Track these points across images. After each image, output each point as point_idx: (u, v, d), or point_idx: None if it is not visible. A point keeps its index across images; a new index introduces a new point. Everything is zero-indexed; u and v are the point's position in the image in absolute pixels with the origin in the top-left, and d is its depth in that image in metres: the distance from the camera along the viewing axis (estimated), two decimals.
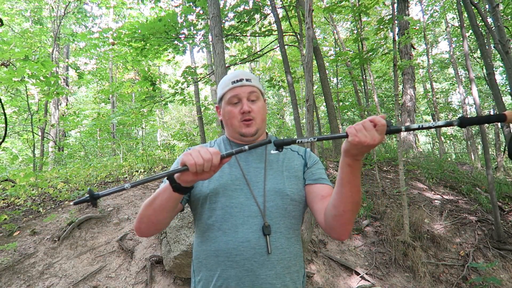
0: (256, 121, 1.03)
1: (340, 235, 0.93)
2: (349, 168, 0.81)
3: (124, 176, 5.75)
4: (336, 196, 0.87)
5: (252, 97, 1.04)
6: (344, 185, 0.84)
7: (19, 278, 2.73)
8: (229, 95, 1.04)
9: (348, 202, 0.85)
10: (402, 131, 0.75)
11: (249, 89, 1.03)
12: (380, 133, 0.74)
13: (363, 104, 8.01)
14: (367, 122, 0.74)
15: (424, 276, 3.21)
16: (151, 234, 0.99)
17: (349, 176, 0.82)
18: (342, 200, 0.85)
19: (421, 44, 14.47)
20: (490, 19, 4.04)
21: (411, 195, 4.77)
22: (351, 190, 0.83)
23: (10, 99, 8.89)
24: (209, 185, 0.99)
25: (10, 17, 10.44)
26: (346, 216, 0.87)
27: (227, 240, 0.93)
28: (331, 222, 0.91)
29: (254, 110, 1.03)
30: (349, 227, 0.91)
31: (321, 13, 9.51)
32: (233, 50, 12.35)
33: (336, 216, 0.88)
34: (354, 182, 0.83)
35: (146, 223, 0.93)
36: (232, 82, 1.04)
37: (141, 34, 5.33)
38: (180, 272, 2.73)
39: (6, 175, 4.88)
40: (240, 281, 0.90)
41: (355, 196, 0.84)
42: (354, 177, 0.82)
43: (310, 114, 2.95)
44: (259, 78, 16.09)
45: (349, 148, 0.77)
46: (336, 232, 0.93)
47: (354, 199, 0.85)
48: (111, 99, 12.24)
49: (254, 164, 1.04)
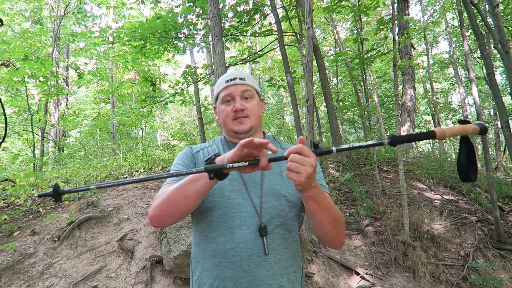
0: (250, 119, 1.03)
1: (334, 247, 0.97)
2: (311, 199, 0.83)
3: (124, 176, 5.75)
4: (314, 224, 0.90)
5: (246, 95, 1.04)
6: (315, 213, 0.86)
7: (19, 278, 2.73)
8: (223, 94, 1.05)
9: (326, 224, 0.88)
10: (334, 152, 0.74)
11: (243, 87, 1.03)
12: (308, 160, 0.73)
13: (363, 104, 8.01)
14: (293, 161, 0.74)
15: (424, 276, 3.21)
16: (171, 223, 0.94)
17: (316, 204, 0.84)
18: (321, 225, 0.89)
19: (421, 44, 14.46)
20: (490, 19, 4.04)
21: (411, 195, 4.77)
22: (324, 214, 0.86)
23: (10, 99, 8.88)
24: None
25: (10, 17, 10.44)
26: (331, 234, 0.91)
27: (224, 241, 0.93)
28: (321, 240, 0.96)
29: (248, 108, 1.02)
30: (340, 239, 0.95)
31: (321, 13, 9.51)
32: (233, 50, 12.35)
33: (322, 237, 0.93)
34: (322, 205, 0.85)
35: (171, 210, 0.87)
36: (226, 81, 1.04)
37: (140, 33, 5.33)
38: (180, 272, 2.73)
39: (6, 175, 4.88)
40: (237, 282, 0.90)
41: (331, 215, 0.87)
42: (320, 201, 0.84)
43: (310, 114, 2.95)
44: (259, 78, 16.09)
45: (300, 189, 0.79)
46: (329, 245, 0.98)
47: (331, 218, 0.87)
48: (111, 99, 12.23)
49: None
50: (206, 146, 1.13)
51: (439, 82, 17.02)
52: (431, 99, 12.61)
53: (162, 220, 0.89)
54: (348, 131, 16.04)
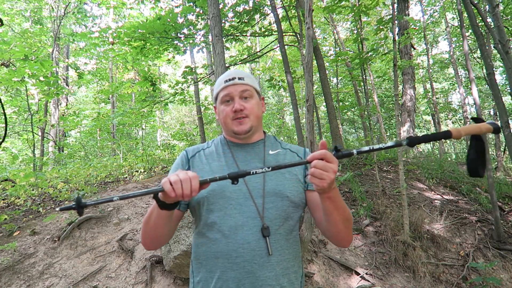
0: (250, 119, 1.03)
1: (343, 245, 0.99)
2: (329, 200, 0.84)
3: (124, 176, 5.75)
4: (327, 223, 0.91)
5: (245, 95, 1.03)
6: (331, 212, 0.87)
7: (19, 278, 2.73)
8: (222, 94, 1.04)
9: (340, 223, 0.89)
10: (354, 155, 0.76)
11: (242, 87, 1.03)
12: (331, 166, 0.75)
13: (363, 104, 8.01)
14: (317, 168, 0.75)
15: (424, 276, 3.21)
16: (159, 247, 1.01)
17: (333, 204, 0.85)
18: (334, 225, 0.90)
19: (421, 44, 14.47)
20: (490, 19, 4.04)
21: (411, 195, 4.77)
22: (338, 214, 0.87)
23: (10, 99, 8.89)
24: (208, 186, 1.00)
25: (10, 17, 10.44)
26: (342, 233, 0.92)
27: (227, 242, 0.93)
28: (331, 239, 0.97)
29: (247, 108, 1.02)
30: (349, 238, 0.96)
31: (321, 13, 9.51)
32: (233, 50, 12.35)
33: (333, 236, 0.95)
34: (338, 205, 0.86)
35: (150, 238, 0.96)
36: (225, 81, 1.04)
37: (140, 33, 5.33)
38: (180, 272, 2.73)
39: (6, 175, 4.88)
40: (240, 283, 0.90)
41: (343, 214, 0.88)
42: (337, 202, 0.85)
43: (310, 114, 2.95)
44: (259, 78, 16.08)
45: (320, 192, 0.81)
46: (339, 244, 0.99)
47: (344, 217, 0.89)
48: (111, 99, 12.23)
49: (253, 164, 1.04)
50: (204, 148, 1.12)
51: (439, 82, 17.03)
52: (431, 99, 12.62)
53: (150, 246, 0.99)
54: (348, 131, 16.05)
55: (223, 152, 1.07)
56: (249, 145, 1.08)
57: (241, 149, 1.07)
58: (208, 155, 1.08)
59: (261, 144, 1.09)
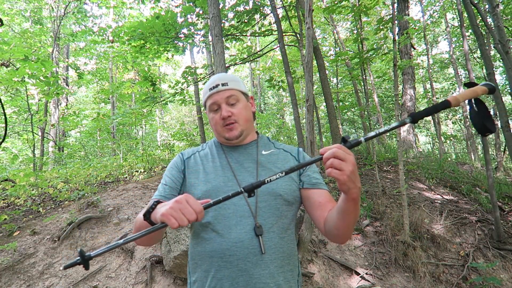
0: (239, 123, 1.05)
1: (342, 242, 0.98)
2: (353, 201, 0.81)
3: (124, 176, 5.75)
4: (340, 222, 0.89)
5: (231, 100, 1.04)
6: (349, 214, 0.85)
7: (19, 278, 2.73)
8: (209, 102, 1.07)
9: (351, 223, 0.89)
10: (362, 142, 0.75)
11: (226, 93, 1.04)
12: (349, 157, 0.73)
13: (363, 104, 8.01)
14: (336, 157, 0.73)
15: (424, 276, 3.21)
16: (152, 245, 1.06)
17: (355, 206, 0.83)
18: (346, 225, 0.89)
19: (421, 44, 14.46)
20: (490, 19, 4.04)
21: (411, 195, 4.77)
22: (355, 214, 0.86)
23: (10, 99, 8.89)
24: (202, 187, 1.01)
25: (10, 17, 10.44)
26: (348, 232, 0.93)
27: (221, 241, 0.94)
28: (334, 237, 0.96)
29: (235, 113, 1.04)
30: (350, 235, 0.98)
31: (321, 13, 9.51)
32: (233, 50, 12.34)
33: (339, 235, 0.94)
34: (358, 207, 0.85)
35: (141, 241, 0.97)
36: (209, 89, 1.06)
37: (140, 33, 5.33)
38: (180, 272, 2.73)
39: (6, 175, 4.88)
40: (234, 281, 0.91)
41: (357, 214, 0.88)
42: (357, 204, 0.84)
43: (310, 114, 2.95)
44: (259, 78, 16.08)
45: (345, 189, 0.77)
46: (337, 241, 0.99)
47: (356, 217, 0.88)
48: (111, 99, 12.23)
49: (246, 164, 1.06)
50: (198, 150, 1.15)
51: (439, 82, 17.03)
52: (431, 99, 12.61)
53: (143, 245, 1.07)
54: (348, 131, 16.04)
55: (217, 154, 1.10)
56: (242, 146, 1.11)
57: (234, 150, 1.10)
58: (203, 157, 1.11)
59: (254, 145, 1.12)
